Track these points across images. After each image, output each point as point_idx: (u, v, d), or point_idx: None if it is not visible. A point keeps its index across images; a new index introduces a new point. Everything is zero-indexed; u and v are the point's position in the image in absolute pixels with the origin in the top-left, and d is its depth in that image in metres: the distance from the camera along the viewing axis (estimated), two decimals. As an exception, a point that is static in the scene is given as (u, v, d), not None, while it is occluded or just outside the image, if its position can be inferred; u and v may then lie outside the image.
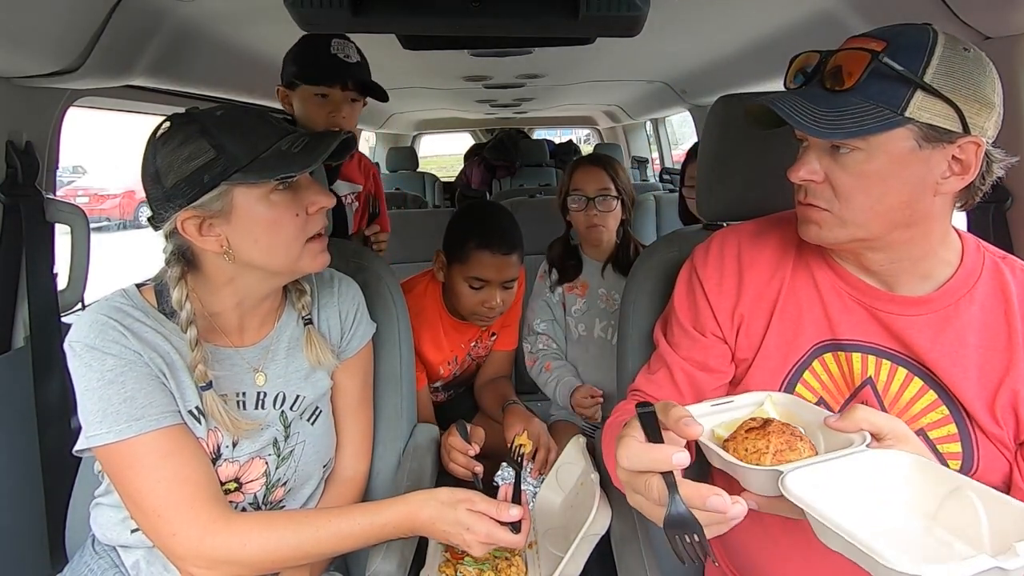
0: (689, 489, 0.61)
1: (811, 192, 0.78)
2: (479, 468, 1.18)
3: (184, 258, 0.87)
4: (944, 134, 0.70)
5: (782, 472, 0.64)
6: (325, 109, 1.43)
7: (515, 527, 0.88)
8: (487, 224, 1.47)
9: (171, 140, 0.81)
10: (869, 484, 0.65)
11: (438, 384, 1.66)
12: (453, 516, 0.87)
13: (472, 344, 1.65)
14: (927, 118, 0.69)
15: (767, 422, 0.71)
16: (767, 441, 0.68)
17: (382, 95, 1.50)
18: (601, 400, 1.63)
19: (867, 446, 0.67)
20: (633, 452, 0.63)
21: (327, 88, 1.41)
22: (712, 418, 0.77)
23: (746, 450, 0.69)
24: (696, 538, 0.60)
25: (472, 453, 1.20)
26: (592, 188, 1.69)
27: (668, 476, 0.61)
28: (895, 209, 0.74)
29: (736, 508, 0.60)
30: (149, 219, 0.85)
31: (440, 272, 1.55)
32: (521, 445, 1.25)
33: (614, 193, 1.69)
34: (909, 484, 0.65)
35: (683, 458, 0.60)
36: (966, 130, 0.70)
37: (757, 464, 0.67)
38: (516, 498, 0.94)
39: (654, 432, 0.64)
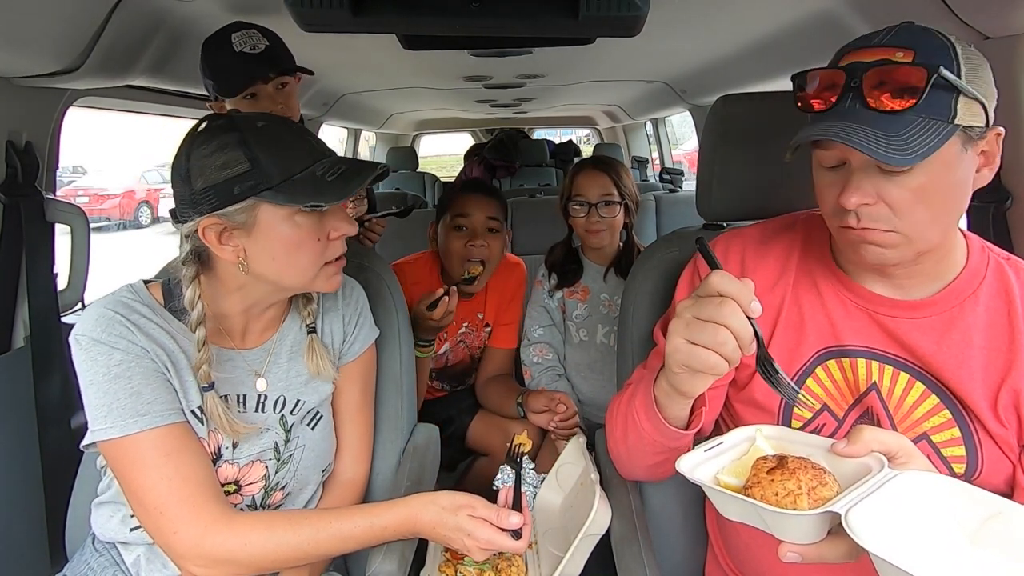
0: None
1: (866, 215, 0.72)
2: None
3: (199, 259, 0.87)
4: (977, 132, 0.71)
5: (837, 514, 0.58)
6: (259, 107, 1.34)
7: (516, 532, 0.87)
8: (473, 181, 1.74)
9: (207, 143, 0.80)
10: (913, 511, 0.61)
11: (431, 370, 1.66)
12: (454, 522, 0.87)
13: (464, 325, 1.67)
14: (968, 120, 0.69)
15: (782, 459, 0.66)
16: (796, 480, 0.62)
17: (307, 69, 1.39)
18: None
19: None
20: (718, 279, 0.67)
21: (250, 90, 1.30)
22: (709, 465, 0.71)
23: (776, 494, 0.62)
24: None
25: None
26: (595, 193, 1.64)
27: (752, 321, 0.66)
28: (950, 213, 0.74)
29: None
30: (171, 212, 0.86)
31: (432, 243, 1.67)
32: (520, 444, 1.25)
33: (617, 198, 1.65)
34: (950, 508, 0.61)
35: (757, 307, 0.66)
36: (987, 123, 0.71)
37: (794, 508, 0.61)
38: (516, 502, 0.94)
39: (712, 260, 0.72)
